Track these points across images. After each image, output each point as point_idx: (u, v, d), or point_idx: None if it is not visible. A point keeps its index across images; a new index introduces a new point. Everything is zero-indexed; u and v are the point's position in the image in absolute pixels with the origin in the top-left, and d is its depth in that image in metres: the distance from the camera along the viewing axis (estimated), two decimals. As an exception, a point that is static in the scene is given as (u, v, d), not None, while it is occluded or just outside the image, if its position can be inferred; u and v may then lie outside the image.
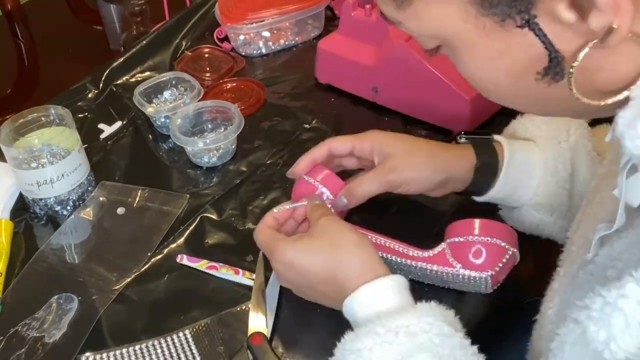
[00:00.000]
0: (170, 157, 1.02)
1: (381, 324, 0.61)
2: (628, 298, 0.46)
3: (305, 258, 0.70)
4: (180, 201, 0.93)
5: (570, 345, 0.52)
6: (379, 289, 0.65)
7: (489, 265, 0.74)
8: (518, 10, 0.45)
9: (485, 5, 0.45)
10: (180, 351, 0.75)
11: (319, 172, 0.81)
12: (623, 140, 0.46)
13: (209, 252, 0.86)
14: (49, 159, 0.90)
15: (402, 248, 0.77)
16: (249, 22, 1.19)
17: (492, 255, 0.74)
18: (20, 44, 1.44)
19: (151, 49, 1.22)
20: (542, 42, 0.46)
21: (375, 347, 0.60)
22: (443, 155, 0.81)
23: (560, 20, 0.44)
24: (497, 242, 0.74)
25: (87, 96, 1.14)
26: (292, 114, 1.08)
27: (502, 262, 0.74)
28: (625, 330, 0.46)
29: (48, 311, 0.80)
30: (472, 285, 0.76)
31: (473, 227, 0.75)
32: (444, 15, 0.48)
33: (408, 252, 0.77)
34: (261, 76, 1.17)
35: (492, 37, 0.47)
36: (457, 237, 0.75)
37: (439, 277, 0.76)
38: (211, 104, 1.02)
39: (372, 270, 0.67)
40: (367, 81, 1.05)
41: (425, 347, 0.59)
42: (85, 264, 0.86)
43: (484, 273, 0.74)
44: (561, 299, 0.61)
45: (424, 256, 0.76)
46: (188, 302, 0.80)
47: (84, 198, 0.94)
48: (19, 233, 0.91)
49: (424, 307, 0.63)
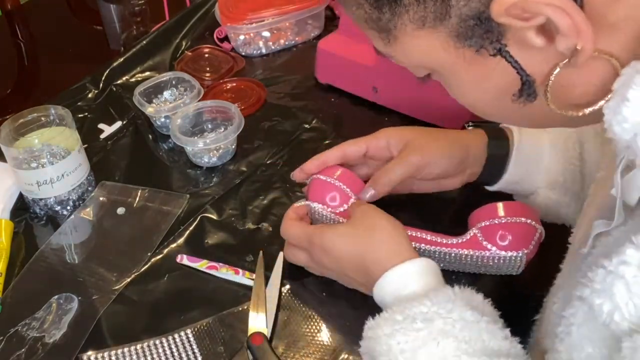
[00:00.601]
0: (170, 157, 1.02)
1: (400, 311, 0.63)
2: (629, 264, 0.47)
3: (342, 241, 0.73)
4: (180, 201, 0.93)
5: (577, 326, 0.53)
6: (404, 273, 0.68)
7: (522, 244, 0.76)
8: (490, 41, 0.49)
9: (461, 38, 0.50)
10: (182, 350, 0.75)
11: (334, 170, 0.82)
12: (612, 127, 0.48)
13: (209, 252, 0.86)
14: (49, 159, 0.90)
15: (435, 237, 0.78)
16: (249, 22, 1.19)
17: (524, 234, 0.76)
18: (20, 44, 1.44)
19: (151, 49, 1.22)
20: (514, 68, 0.50)
21: (394, 333, 0.62)
22: (458, 135, 0.84)
23: (531, 46, 0.48)
24: (526, 221, 0.77)
25: (87, 96, 1.14)
26: (292, 114, 1.08)
27: (534, 239, 0.77)
28: (628, 299, 0.47)
29: (48, 311, 0.80)
30: (505, 267, 0.78)
31: (498, 210, 0.78)
32: (427, 47, 0.52)
33: (442, 240, 0.78)
34: (261, 76, 1.17)
35: (473, 65, 0.52)
36: (485, 221, 0.77)
37: (474, 262, 0.78)
38: (211, 104, 1.02)
39: (399, 255, 0.69)
40: (367, 81, 1.05)
41: (447, 332, 0.60)
42: (85, 264, 0.86)
43: (519, 252, 0.76)
44: (564, 294, 0.61)
45: (459, 242, 0.78)
46: (188, 302, 0.80)
47: (84, 198, 0.94)
48: (19, 233, 0.91)
49: (445, 292, 0.65)
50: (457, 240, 0.78)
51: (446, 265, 0.79)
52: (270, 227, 0.89)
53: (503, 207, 0.78)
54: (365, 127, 0.89)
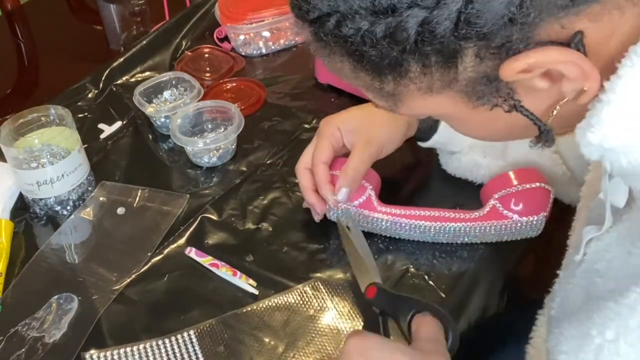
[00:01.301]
0: (170, 157, 1.02)
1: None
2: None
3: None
4: (180, 201, 0.93)
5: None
6: None
7: (541, 207, 0.79)
8: (503, 98, 0.49)
9: (472, 98, 0.50)
10: (184, 351, 0.75)
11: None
12: (581, 148, 0.49)
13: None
14: (49, 159, 0.90)
15: (457, 214, 0.81)
16: (249, 22, 1.19)
17: (540, 197, 0.80)
18: (20, 44, 1.44)
19: (151, 49, 1.22)
20: (530, 120, 0.51)
21: None
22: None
23: (535, 89, 0.49)
24: (540, 185, 0.80)
25: (87, 96, 1.14)
26: (292, 114, 1.08)
27: (550, 201, 0.80)
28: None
29: (48, 311, 0.80)
30: (527, 231, 0.81)
31: (510, 178, 0.81)
32: (435, 105, 0.52)
33: (464, 216, 0.81)
34: (261, 76, 1.17)
35: (481, 112, 0.51)
36: (502, 191, 0.80)
37: (497, 232, 0.81)
38: (211, 104, 1.02)
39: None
40: (367, 81, 1.05)
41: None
42: (85, 264, 0.86)
43: (540, 215, 0.79)
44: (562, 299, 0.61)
45: (480, 215, 0.80)
46: (188, 302, 0.80)
47: (84, 198, 0.94)
48: (19, 233, 0.91)
49: None
50: (478, 214, 0.80)
51: (470, 239, 0.82)
52: (270, 227, 0.89)
53: (515, 175, 0.81)
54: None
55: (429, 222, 0.81)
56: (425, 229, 0.82)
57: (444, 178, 0.92)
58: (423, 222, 0.81)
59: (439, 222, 0.81)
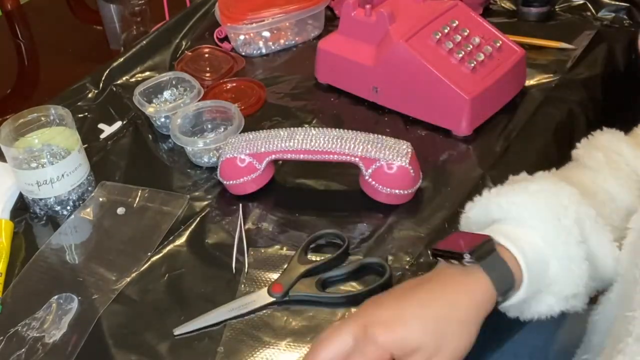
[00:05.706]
0: (170, 157, 1.02)
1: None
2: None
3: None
4: (181, 201, 0.93)
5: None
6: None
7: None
8: None
9: None
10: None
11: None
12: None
13: (209, 252, 0.86)
14: (49, 159, 0.90)
15: None
16: (249, 22, 1.19)
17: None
18: (20, 44, 1.44)
19: (151, 49, 1.23)
20: None
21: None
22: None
23: None
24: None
25: (87, 96, 1.15)
26: (292, 114, 1.08)
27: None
28: None
29: (48, 311, 0.80)
30: None
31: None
32: None
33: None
34: (261, 76, 1.17)
35: None
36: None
37: None
38: (211, 104, 1.02)
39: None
40: (367, 81, 1.05)
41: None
42: (85, 264, 0.86)
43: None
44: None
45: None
46: (188, 302, 0.80)
47: (84, 198, 0.94)
48: (19, 233, 0.91)
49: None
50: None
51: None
52: (270, 227, 0.89)
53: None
54: (365, 126, 0.89)
55: None
56: None
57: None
58: None
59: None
